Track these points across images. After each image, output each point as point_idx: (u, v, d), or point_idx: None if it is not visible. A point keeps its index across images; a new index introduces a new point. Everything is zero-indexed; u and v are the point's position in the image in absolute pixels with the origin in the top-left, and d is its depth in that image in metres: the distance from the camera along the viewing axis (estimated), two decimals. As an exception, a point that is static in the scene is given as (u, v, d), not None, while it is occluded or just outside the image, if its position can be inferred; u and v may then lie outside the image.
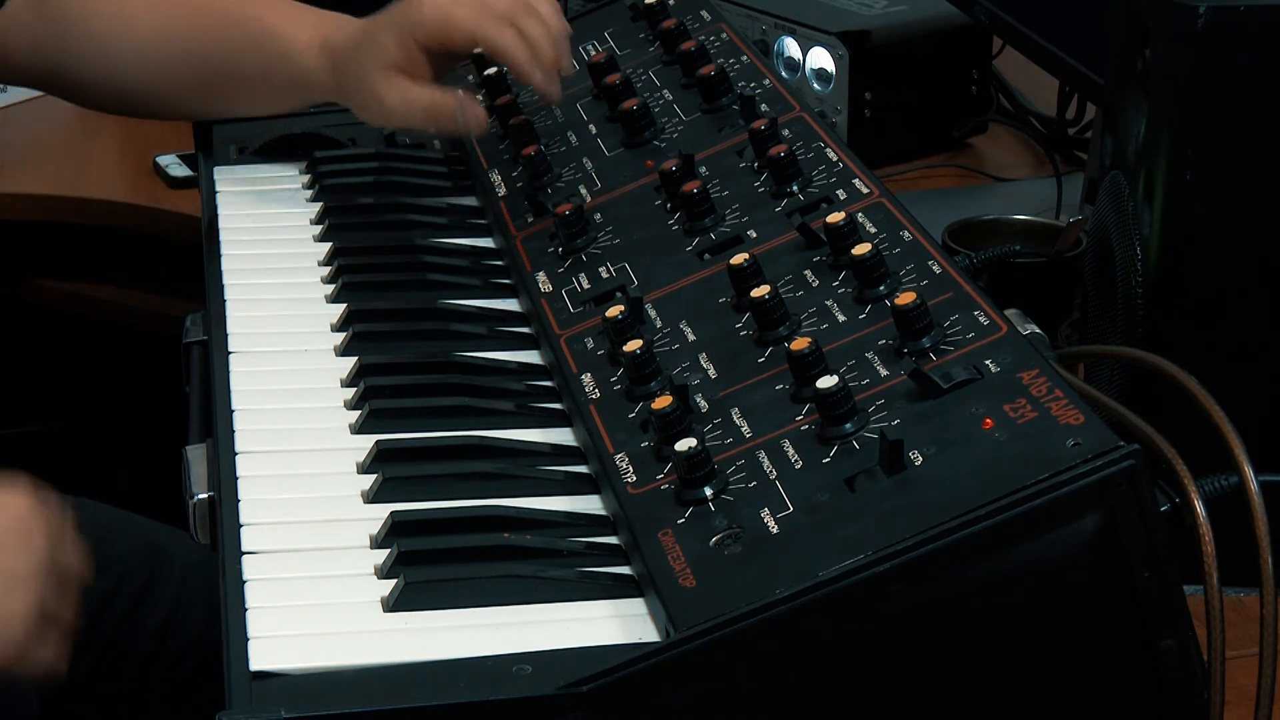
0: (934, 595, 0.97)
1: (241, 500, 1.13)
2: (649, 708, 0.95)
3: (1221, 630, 1.01)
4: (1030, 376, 1.04)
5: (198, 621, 1.49)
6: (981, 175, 2.02)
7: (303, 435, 1.21)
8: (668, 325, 1.24)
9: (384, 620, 1.03)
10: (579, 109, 1.55)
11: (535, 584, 1.05)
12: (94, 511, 1.53)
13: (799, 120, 1.40)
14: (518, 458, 1.18)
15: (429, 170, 1.61)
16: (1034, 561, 0.98)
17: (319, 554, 1.09)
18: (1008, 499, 0.96)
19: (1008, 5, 1.81)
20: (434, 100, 1.47)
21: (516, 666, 0.97)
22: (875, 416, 1.06)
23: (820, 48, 2.01)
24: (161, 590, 1.50)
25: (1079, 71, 1.64)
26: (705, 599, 0.98)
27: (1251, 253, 1.27)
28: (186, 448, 1.22)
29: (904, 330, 1.11)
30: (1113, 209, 1.34)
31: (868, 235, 1.22)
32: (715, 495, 1.06)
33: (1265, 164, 1.26)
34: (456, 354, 1.30)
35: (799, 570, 0.97)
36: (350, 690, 0.96)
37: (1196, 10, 1.23)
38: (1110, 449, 0.97)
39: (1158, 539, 0.97)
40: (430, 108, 1.48)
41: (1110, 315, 1.36)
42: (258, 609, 1.03)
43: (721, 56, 1.52)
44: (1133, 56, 1.31)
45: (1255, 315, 1.28)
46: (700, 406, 1.14)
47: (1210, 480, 1.03)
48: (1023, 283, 1.52)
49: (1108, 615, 1.00)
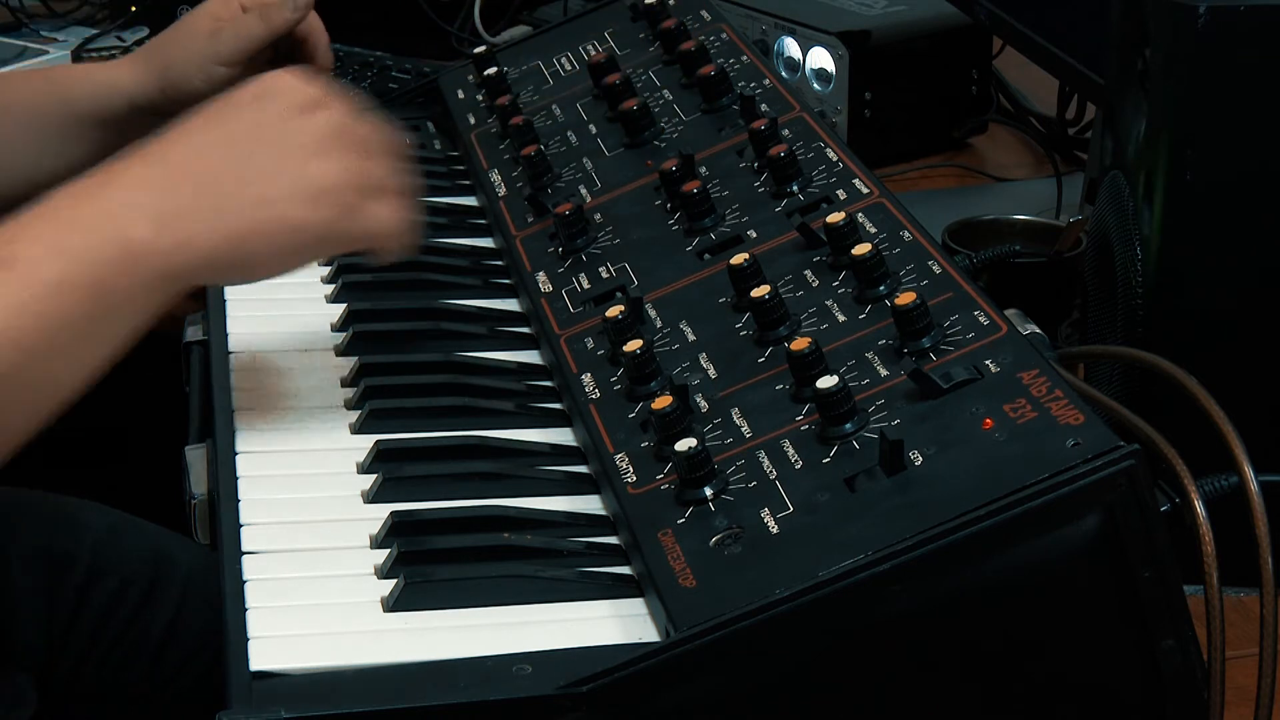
0: (934, 595, 0.97)
1: (241, 500, 1.13)
2: (649, 708, 0.95)
3: (1221, 630, 1.01)
4: (1030, 376, 1.04)
5: (200, 625, 1.49)
6: (981, 175, 2.02)
7: (303, 435, 1.21)
8: (668, 325, 1.24)
9: (384, 620, 1.03)
10: (579, 109, 1.55)
11: (535, 584, 1.05)
12: (96, 514, 1.53)
13: (799, 120, 1.40)
14: (518, 458, 1.18)
15: (429, 170, 1.61)
16: (1034, 561, 0.98)
17: (319, 554, 1.09)
18: (1008, 499, 0.96)
19: (1008, 5, 1.81)
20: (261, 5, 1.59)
21: (516, 666, 0.97)
22: (875, 416, 1.06)
23: (820, 48, 2.01)
24: (164, 594, 1.50)
25: (1079, 71, 1.64)
26: (705, 599, 0.98)
27: (1251, 253, 1.27)
28: (186, 448, 1.22)
29: (904, 330, 1.11)
30: (1113, 209, 1.34)
31: (868, 235, 1.22)
32: (715, 495, 1.06)
33: (1265, 164, 1.26)
34: (456, 354, 1.30)
35: (799, 570, 0.97)
36: (350, 690, 0.96)
37: (1196, 10, 1.23)
38: (1110, 449, 0.97)
39: (1158, 539, 0.97)
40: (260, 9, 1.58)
41: (1110, 315, 1.36)
42: (258, 609, 1.03)
43: (721, 56, 1.52)
44: (1133, 56, 1.31)
45: (1255, 315, 1.28)
46: (700, 406, 1.14)
47: (1210, 480, 1.03)
48: (1023, 283, 1.52)
49: (1108, 615, 1.00)
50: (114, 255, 1.09)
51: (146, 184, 1.13)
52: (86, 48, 2.34)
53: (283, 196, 1.14)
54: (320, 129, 1.17)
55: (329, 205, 1.15)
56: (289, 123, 1.16)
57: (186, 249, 1.11)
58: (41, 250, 1.08)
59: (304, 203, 1.15)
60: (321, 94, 1.19)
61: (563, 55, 1.66)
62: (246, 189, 1.14)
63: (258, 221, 1.13)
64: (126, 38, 2.37)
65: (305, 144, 1.16)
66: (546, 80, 1.63)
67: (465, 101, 1.68)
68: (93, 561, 1.48)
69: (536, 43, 1.71)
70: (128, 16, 2.41)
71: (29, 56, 2.28)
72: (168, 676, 1.49)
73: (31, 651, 1.45)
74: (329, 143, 1.16)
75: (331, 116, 1.18)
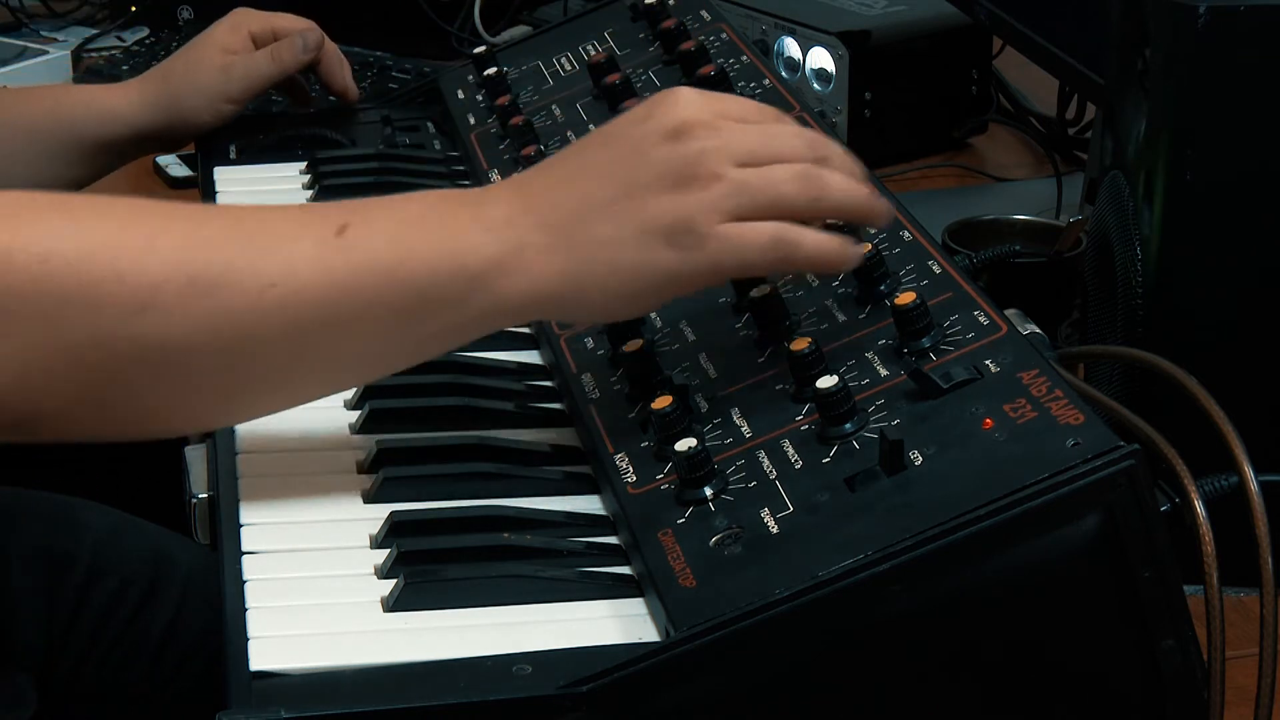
0: (934, 595, 0.97)
1: (241, 500, 1.13)
2: (649, 708, 0.95)
3: (1221, 630, 1.01)
4: (1030, 376, 1.04)
5: (200, 625, 1.49)
6: (981, 175, 2.02)
7: (302, 436, 1.21)
8: (668, 325, 1.24)
9: (384, 620, 1.03)
10: (579, 109, 1.55)
11: (535, 584, 1.05)
12: (96, 514, 1.53)
13: (799, 120, 1.39)
14: (518, 458, 1.18)
15: (429, 170, 1.61)
16: (1034, 561, 0.97)
17: (319, 554, 1.09)
18: (1008, 499, 0.96)
19: (1008, 5, 1.81)
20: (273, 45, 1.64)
21: (516, 666, 0.97)
22: (875, 416, 1.06)
23: (820, 48, 2.01)
24: (165, 594, 1.50)
25: (1079, 71, 1.64)
26: (705, 599, 0.98)
27: (1251, 253, 1.27)
28: (186, 448, 1.22)
29: (904, 330, 1.11)
30: (1113, 209, 1.34)
31: (868, 235, 1.22)
32: (715, 495, 1.06)
33: (1265, 164, 1.26)
34: (456, 354, 1.30)
35: (799, 570, 0.97)
36: (350, 690, 0.96)
37: (1196, 10, 1.23)
38: (1110, 449, 0.97)
39: (1158, 539, 0.97)
40: (272, 49, 1.62)
41: (1110, 315, 1.36)
42: (258, 609, 1.03)
43: (721, 56, 1.52)
44: (1133, 56, 1.31)
45: (1255, 315, 1.28)
46: (700, 406, 1.14)
47: (1210, 480, 1.03)
48: (1023, 283, 1.52)
49: (1108, 615, 1.00)
50: (449, 268, 1.06)
51: (500, 207, 1.08)
52: (86, 48, 2.34)
53: (620, 237, 1.07)
54: (681, 160, 1.07)
55: (671, 245, 1.07)
56: (650, 152, 1.08)
57: (520, 281, 1.07)
58: (381, 239, 1.06)
59: (642, 244, 1.07)
60: (706, 116, 1.09)
61: (563, 55, 1.66)
62: (587, 227, 1.07)
63: (594, 262, 1.07)
64: (126, 38, 2.37)
65: (659, 177, 1.07)
66: (546, 80, 1.63)
67: (465, 101, 1.68)
68: (93, 561, 1.48)
69: (536, 43, 1.72)
70: (128, 16, 2.41)
71: (29, 56, 2.29)
72: (168, 676, 1.49)
73: (31, 651, 1.45)
74: (686, 176, 1.07)
75: (703, 145, 1.07)
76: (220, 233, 1.06)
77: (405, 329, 1.08)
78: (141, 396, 1.05)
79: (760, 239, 1.07)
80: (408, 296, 1.06)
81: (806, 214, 1.09)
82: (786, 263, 1.09)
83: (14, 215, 1.02)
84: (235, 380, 1.07)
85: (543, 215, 1.08)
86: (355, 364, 1.10)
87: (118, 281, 1.02)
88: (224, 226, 1.06)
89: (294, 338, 1.05)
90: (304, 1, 1.85)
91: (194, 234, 1.05)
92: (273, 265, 1.04)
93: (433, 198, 1.11)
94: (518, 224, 1.07)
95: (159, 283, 1.02)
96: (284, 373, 1.08)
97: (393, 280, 1.06)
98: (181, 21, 2.34)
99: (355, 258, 1.05)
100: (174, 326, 1.03)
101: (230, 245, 1.05)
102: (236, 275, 1.04)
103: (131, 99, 1.63)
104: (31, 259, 1.01)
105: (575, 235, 1.07)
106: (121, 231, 1.04)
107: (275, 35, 1.69)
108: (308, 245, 1.05)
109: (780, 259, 1.08)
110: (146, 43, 2.31)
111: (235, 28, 1.68)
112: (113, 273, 1.02)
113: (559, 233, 1.07)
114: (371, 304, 1.06)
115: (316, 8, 1.82)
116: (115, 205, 1.06)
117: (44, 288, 1.01)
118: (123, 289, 1.02)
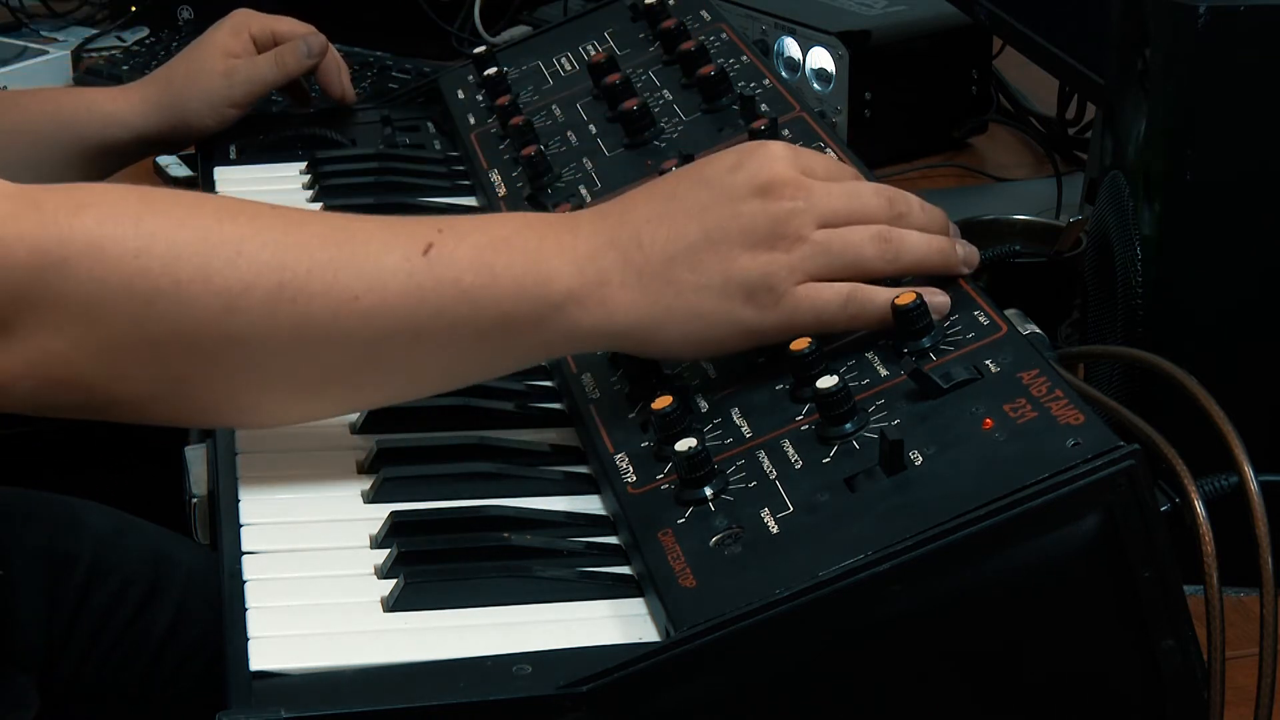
0: (934, 595, 0.97)
1: (241, 500, 1.13)
2: (649, 708, 0.95)
3: (1221, 630, 1.01)
4: (1030, 376, 1.04)
5: (200, 625, 1.49)
6: (981, 175, 2.02)
7: (302, 436, 1.21)
8: (668, 325, 1.23)
9: (384, 620, 1.03)
10: (579, 109, 1.55)
11: (535, 584, 1.05)
12: (97, 515, 1.53)
13: (799, 120, 1.40)
14: (518, 458, 1.18)
15: (429, 170, 1.61)
16: (1034, 561, 0.97)
17: (319, 554, 1.09)
18: (1007, 499, 0.96)
19: (1008, 5, 1.81)
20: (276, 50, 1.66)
21: (516, 666, 0.97)
22: (875, 416, 1.06)
23: (820, 48, 2.01)
24: (165, 594, 1.50)
25: (1079, 71, 1.64)
26: (705, 599, 0.98)
27: (1252, 253, 1.27)
28: (186, 448, 1.22)
29: (904, 330, 1.11)
30: (1113, 209, 1.34)
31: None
32: (715, 495, 1.06)
33: (1265, 164, 1.26)
34: (456, 354, 1.30)
35: (799, 570, 0.97)
36: (350, 690, 0.96)
37: (1196, 10, 1.23)
38: (1110, 449, 0.97)
39: (1158, 539, 0.97)
40: (275, 54, 1.64)
41: (1110, 315, 1.36)
42: (258, 609, 1.03)
43: (721, 56, 1.52)
44: (1133, 56, 1.31)
45: (1255, 315, 1.28)
46: (700, 406, 1.14)
47: (1210, 480, 1.03)
48: (1023, 283, 1.52)
49: (1108, 615, 1.00)
50: (531, 295, 1.08)
51: (586, 238, 1.10)
52: (86, 48, 2.34)
53: (703, 285, 1.09)
54: (769, 218, 1.09)
55: (750, 301, 1.09)
56: (739, 205, 1.09)
57: (598, 314, 1.09)
58: (466, 260, 1.08)
59: (723, 295, 1.09)
60: (794, 174, 1.11)
61: (563, 55, 1.66)
62: (671, 270, 1.09)
63: (674, 307, 1.09)
64: (126, 38, 2.38)
65: (747, 232, 1.09)
66: (546, 80, 1.63)
67: (465, 102, 1.68)
68: (93, 562, 1.48)
69: (536, 43, 1.72)
70: (128, 16, 2.41)
71: (29, 56, 2.29)
72: (168, 676, 1.49)
73: (32, 652, 1.45)
74: (773, 235, 1.09)
75: (792, 206, 1.10)
76: (311, 240, 1.07)
77: (482, 348, 1.10)
78: (217, 390, 1.08)
79: (836, 300, 1.10)
80: (488, 318, 1.08)
81: (884, 274, 1.12)
82: (857, 320, 1.11)
83: (104, 205, 1.04)
84: (310, 382, 1.09)
85: (627, 252, 1.09)
86: (429, 375, 1.12)
87: (206, 281, 1.04)
88: (314, 234, 1.08)
89: (373, 348, 1.08)
90: (304, 2, 1.85)
91: (284, 239, 1.06)
92: (360, 278, 1.07)
93: (520, 221, 1.12)
94: (602, 257, 1.09)
95: (247, 285, 1.05)
96: (358, 378, 1.10)
97: (474, 302, 1.08)
98: (181, 22, 2.34)
99: (441, 274, 1.08)
100: (258, 328, 1.05)
101: (320, 253, 1.07)
102: (324, 284, 1.06)
103: (134, 103, 1.64)
104: (125, 253, 1.03)
105: (659, 277, 1.09)
106: (212, 231, 1.05)
107: (275, 37, 1.70)
108: (396, 259, 1.07)
109: (852, 318, 1.11)
110: (146, 43, 2.31)
111: (236, 30, 1.69)
112: (202, 273, 1.04)
113: (642, 272, 1.09)
114: (452, 323, 1.08)
115: (317, 8, 1.82)
116: (204, 203, 1.09)
117: (134, 283, 1.03)
118: (210, 289, 1.04)
